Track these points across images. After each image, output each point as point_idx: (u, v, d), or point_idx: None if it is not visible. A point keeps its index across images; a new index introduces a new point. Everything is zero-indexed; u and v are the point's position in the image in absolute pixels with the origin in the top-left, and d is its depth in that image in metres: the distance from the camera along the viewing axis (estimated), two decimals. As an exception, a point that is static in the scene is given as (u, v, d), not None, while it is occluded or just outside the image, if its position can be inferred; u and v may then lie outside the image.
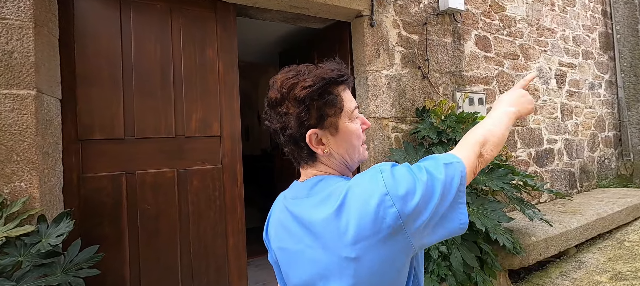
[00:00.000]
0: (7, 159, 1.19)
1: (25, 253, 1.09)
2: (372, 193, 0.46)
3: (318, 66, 0.56)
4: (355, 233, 0.46)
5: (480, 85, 2.59)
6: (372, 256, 0.45)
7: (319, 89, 0.52)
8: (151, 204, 1.57)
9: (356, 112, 0.57)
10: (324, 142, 0.55)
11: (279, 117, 0.54)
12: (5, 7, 1.20)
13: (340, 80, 0.55)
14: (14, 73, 1.20)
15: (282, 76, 0.55)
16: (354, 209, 0.47)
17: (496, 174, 1.54)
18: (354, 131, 0.56)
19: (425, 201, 0.46)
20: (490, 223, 1.37)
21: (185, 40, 1.68)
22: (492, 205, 1.45)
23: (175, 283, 1.61)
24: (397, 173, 0.48)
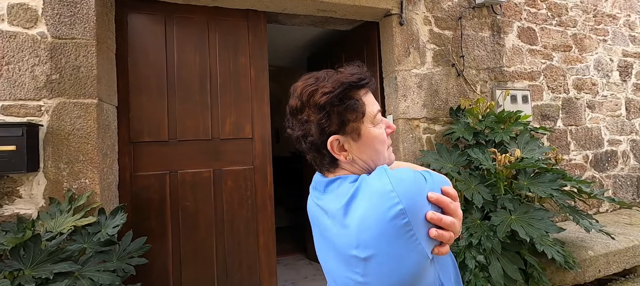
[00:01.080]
0: (75, 159, 1.38)
1: (88, 241, 1.25)
2: (377, 189, 0.46)
3: (338, 70, 0.55)
4: (360, 230, 0.46)
5: (525, 81, 2.37)
6: (381, 255, 0.45)
7: (339, 94, 0.51)
8: (190, 201, 1.70)
9: (379, 116, 0.56)
10: (346, 148, 0.54)
11: (301, 125, 0.54)
12: (75, 28, 1.40)
13: (361, 84, 0.53)
14: (81, 85, 1.39)
15: (302, 84, 0.55)
16: (360, 207, 0.47)
17: (543, 179, 1.39)
18: (378, 136, 0.55)
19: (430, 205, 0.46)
20: (536, 233, 1.24)
21: (221, 49, 1.79)
22: (538, 213, 1.32)
23: (211, 276, 1.72)
24: (402, 178, 0.47)
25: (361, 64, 0.57)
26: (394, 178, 0.47)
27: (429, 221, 0.46)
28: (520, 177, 1.45)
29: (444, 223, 0.46)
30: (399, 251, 0.44)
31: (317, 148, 0.54)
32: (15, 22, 1.34)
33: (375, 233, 0.45)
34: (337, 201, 0.51)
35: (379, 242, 0.45)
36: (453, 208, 0.48)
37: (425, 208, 0.46)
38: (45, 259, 1.09)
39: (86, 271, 1.14)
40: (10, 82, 1.32)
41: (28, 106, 1.34)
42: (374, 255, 0.46)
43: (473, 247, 1.42)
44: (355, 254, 0.48)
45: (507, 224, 1.29)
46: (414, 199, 0.45)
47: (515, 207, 1.38)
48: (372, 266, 0.46)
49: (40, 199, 1.34)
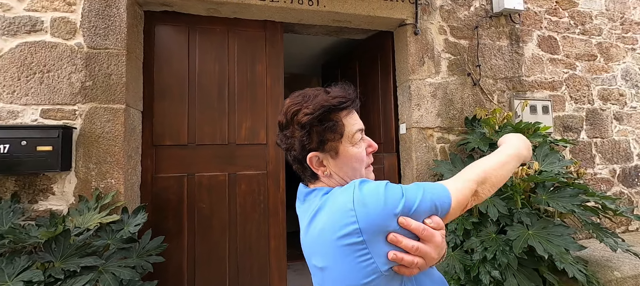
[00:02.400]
0: (103, 160, 1.48)
1: (112, 238, 1.33)
2: (338, 206, 0.50)
3: (325, 90, 0.59)
4: (318, 242, 0.50)
5: (545, 91, 2.30)
6: (332, 267, 0.48)
7: (319, 116, 0.55)
8: (206, 203, 1.76)
9: (359, 135, 0.59)
10: (324, 164, 0.58)
11: (286, 140, 0.59)
12: (108, 39, 1.51)
13: (341, 107, 0.57)
14: (111, 91, 1.50)
15: (289, 102, 0.59)
16: (322, 220, 0.51)
17: (564, 194, 1.34)
18: (355, 155, 0.57)
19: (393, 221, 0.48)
20: (555, 250, 1.19)
21: (239, 58, 1.87)
22: (558, 229, 1.26)
23: (223, 276, 1.76)
24: (366, 188, 0.49)
25: (349, 85, 0.61)
26: (359, 195, 0.48)
27: (390, 242, 0.48)
28: (539, 191, 1.40)
29: (403, 246, 0.48)
30: (348, 267, 0.47)
31: (299, 162, 0.59)
32: (56, 34, 1.48)
33: (329, 246, 0.48)
34: (308, 212, 0.56)
35: (332, 255, 0.48)
36: (426, 234, 0.49)
37: (387, 227, 0.48)
38: (73, 253, 1.17)
39: (109, 266, 1.21)
40: (50, 88, 1.45)
41: (64, 110, 1.45)
42: (327, 267, 0.49)
43: (487, 262, 1.38)
44: (314, 263, 0.53)
45: (524, 240, 1.25)
46: (372, 221, 0.47)
47: (532, 222, 1.33)
48: (326, 276, 0.50)
49: (71, 197, 1.44)
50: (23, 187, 1.39)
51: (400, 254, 0.48)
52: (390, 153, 2.13)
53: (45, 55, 1.45)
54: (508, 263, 1.29)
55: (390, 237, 0.48)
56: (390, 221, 0.48)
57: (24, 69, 1.43)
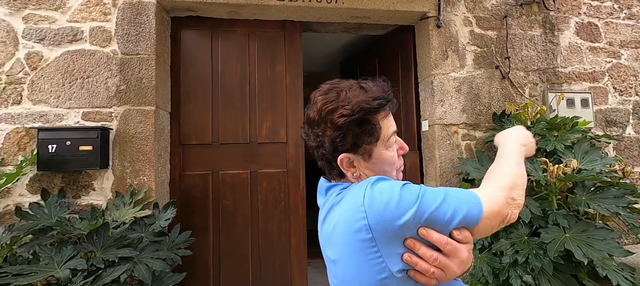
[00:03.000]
0: (136, 159, 1.58)
1: (145, 231, 1.41)
2: (351, 201, 0.49)
3: (361, 85, 0.56)
4: (332, 235, 0.51)
5: (585, 82, 2.11)
6: (344, 261, 0.48)
7: (358, 119, 0.52)
8: (230, 200, 1.82)
9: (393, 138, 0.57)
10: (355, 165, 0.55)
11: (315, 137, 0.56)
12: (139, 45, 1.61)
13: (380, 108, 0.54)
14: (143, 94, 1.59)
15: (322, 98, 0.55)
16: (337, 214, 0.51)
17: (607, 195, 1.22)
18: (388, 159, 0.55)
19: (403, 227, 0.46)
20: (596, 255, 1.09)
21: (259, 58, 1.91)
22: (600, 233, 1.16)
23: (246, 271, 1.82)
24: (378, 187, 0.48)
25: (385, 81, 0.58)
26: (371, 193, 0.47)
27: (406, 247, 0.47)
28: (578, 191, 1.29)
29: (421, 253, 0.46)
30: (360, 262, 0.46)
31: (327, 160, 0.57)
32: (94, 42, 1.59)
33: (341, 239, 0.49)
34: (326, 205, 0.56)
35: (344, 248, 0.48)
36: (449, 249, 0.46)
37: (398, 229, 0.45)
38: (111, 244, 1.27)
39: (143, 258, 1.29)
40: (90, 92, 1.57)
41: (102, 112, 1.57)
42: (340, 260, 0.49)
43: (519, 265, 1.30)
44: (328, 255, 0.53)
45: (561, 243, 1.16)
46: (381, 219, 0.45)
47: (570, 224, 1.23)
48: (339, 269, 0.50)
49: (109, 193, 1.55)
50: (68, 183, 1.53)
51: (415, 258, 0.46)
52: (412, 150, 2.07)
53: (85, 62, 1.58)
54: (542, 267, 1.20)
55: (407, 242, 0.47)
56: (398, 221, 0.45)
57: (67, 76, 1.56)
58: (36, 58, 1.55)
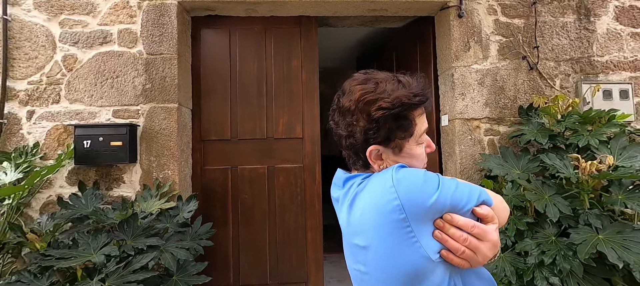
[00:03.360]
0: (161, 154, 1.66)
1: (170, 222, 1.49)
2: (379, 185, 0.49)
3: (399, 79, 0.55)
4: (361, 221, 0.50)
5: (625, 72, 1.94)
6: (377, 245, 0.47)
7: (397, 114, 0.52)
8: (248, 194, 1.88)
9: (424, 136, 0.57)
10: (383, 158, 0.55)
11: (347, 126, 0.55)
12: (162, 45, 1.68)
13: (419, 104, 0.54)
14: (166, 92, 1.67)
15: (361, 88, 0.54)
16: (363, 199, 0.51)
17: (649, 194, 1.13)
18: (418, 155, 0.56)
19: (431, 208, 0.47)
20: (634, 258, 1.01)
21: (276, 54, 1.93)
22: (637, 234, 1.07)
23: (264, 263, 1.87)
24: (404, 170, 0.49)
25: (422, 76, 0.57)
26: (398, 175, 0.48)
27: (436, 227, 0.48)
28: (613, 189, 1.20)
29: (450, 234, 0.47)
30: (393, 244, 0.46)
31: (355, 151, 0.56)
32: (122, 44, 1.69)
33: (372, 223, 0.48)
34: (349, 195, 0.55)
35: (376, 232, 0.47)
36: (477, 232, 0.48)
37: (428, 209, 0.46)
38: (140, 233, 1.35)
39: (169, 247, 1.37)
40: (119, 91, 1.67)
41: (130, 110, 1.67)
42: (371, 245, 0.48)
43: (545, 267, 1.23)
44: (356, 242, 0.51)
45: (593, 244, 1.08)
46: (412, 198, 0.46)
47: (604, 225, 1.15)
48: (370, 255, 0.49)
49: (137, 185, 1.65)
50: (101, 176, 1.64)
51: (445, 236, 0.47)
52: (430, 146, 2.02)
53: (114, 63, 1.67)
54: (571, 269, 1.14)
55: (437, 222, 0.48)
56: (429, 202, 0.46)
57: (98, 76, 1.67)
58: (71, 60, 1.67)
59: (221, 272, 1.84)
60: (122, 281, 1.17)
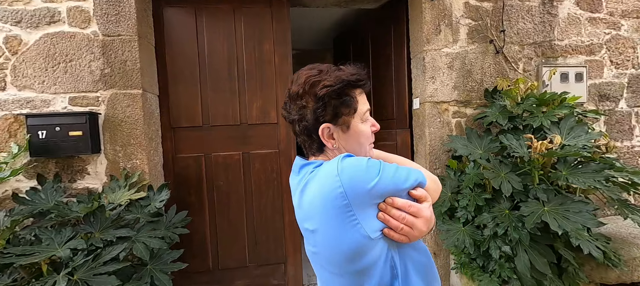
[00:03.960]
0: (127, 143, 1.59)
1: (141, 212, 1.47)
2: (326, 173, 0.53)
3: (339, 68, 0.61)
4: (310, 207, 0.56)
5: (581, 56, 2.07)
6: (323, 228, 0.53)
7: (338, 90, 0.58)
8: (223, 181, 1.87)
9: (368, 114, 0.63)
10: (334, 137, 0.61)
11: (298, 110, 0.61)
12: (120, 25, 1.56)
13: (358, 84, 0.61)
14: (128, 77, 1.57)
15: (306, 73, 0.60)
16: (313, 187, 0.55)
17: (587, 169, 1.25)
18: (364, 132, 0.62)
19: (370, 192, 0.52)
20: (571, 226, 1.15)
21: (246, 37, 1.85)
22: (576, 205, 1.20)
23: (242, 245, 1.91)
24: (348, 160, 0.54)
25: (361, 66, 0.62)
26: (343, 164, 0.53)
27: (380, 209, 0.54)
28: (559, 166, 1.32)
29: (392, 215, 0.54)
30: (337, 227, 0.52)
31: (309, 133, 0.61)
32: (73, 24, 1.54)
33: (319, 209, 0.53)
34: (302, 182, 0.60)
35: (322, 217, 0.53)
36: (413, 210, 0.54)
37: (368, 194, 0.52)
38: (109, 225, 1.32)
39: (140, 237, 1.36)
40: (74, 76, 1.54)
41: (89, 97, 1.56)
42: (319, 228, 0.54)
43: (498, 237, 1.36)
44: (306, 227, 0.58)
45: (538, 216, 1.21)
46: (354, 186, 0.51)
47: (549, 198, 1.27)
48: (318, 237, 0.55)
49: (103, 176, 1.59)
50: (62, 168, 1.56)
51: (387, 216, 0.54)
52: (403, 128, 2.09)
53: (65, 45, 1.53)
54: (519, 238, 1.27)
55: (381, 205, 0.54)
56: (369, 187, 0.52)
57: (49, 60, 1.53)
58: (15, 42, 1.51)
59: (199, 258, 1.86)
60: (92, 273, 1.16)
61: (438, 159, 1.86)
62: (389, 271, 0.55)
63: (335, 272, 0.56)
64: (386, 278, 0.54)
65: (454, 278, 1.82)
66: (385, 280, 0.54)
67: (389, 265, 0.55)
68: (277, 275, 1.96)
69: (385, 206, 0.54)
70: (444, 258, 1.87)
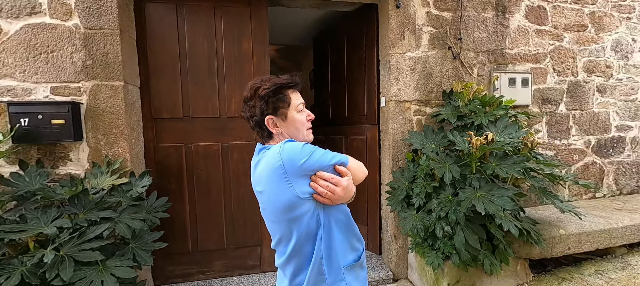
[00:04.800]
0: (109, 132, 1.68)
1: (123, 196, 1.58)
2: (272, 152, 0.77)
3: (278, 76, 0.84)
4: (260, 176, 0.79)
5: (528, 63, 2.34)
6: (268, 190, 0.77)
7: (274, 90, 0.81)
8: (203, 170, 1.99)
9: (301, 106, 0.86)
10: (277, 125, 0.83)
11: (250, 109, 0.84)
12: (101, 19, 1.63)
13: (288, 85, 0.83)
14: (110, 69, 1.66)
15: (252, 82, 0.84)
16: (263, 162, 0.79)
17: (509, 161, 1.50)
18: (299, 119, 0.84)
19: (301, 166, 0.75)
20: (493, 208, 1.39)
21: (226, 35, 1.96)
22: (500, 191, 1.45)
23: (221, 231, 2.06)
24: (288, 144, 0.76)
25: (296, 74, 0.85)
26: (284, 146, 0.75)
27: (312, 180, 0.77)
28: (490, 158, 1.57)
29: (319, 184, 0.77)
30: (277, 188, 0.75)
31: (259, 125, 0.84)
32: (54, 16, 1.60)
33: (265, 176, 0.78)
34: (257, 159, 0.83)
35: (267, 182, 0.77)
36: (335, 181, 0.77)
37: (301, 167, 0.74)
38: (92, 207, 1.43)
39: (123, 218, 1.48)
40: (56, 67, 1.61)
41: (70, 87, 1.63)
42: (265, 190, 0.79)
43: (442, 219, 1.60)
44: (258, 189, 0.82)
45: (470, 200, 1.45)
46: (290, 160, 0.74)
47: (481, 185, 1.52)
48: (265, 196, 0.80)
49: (85, 163, 1.68)
50: (45, 155, 1.63)
51: (315, 184, 0.77)
52: (372, 124, 2.29)
53: (47, 36, 1.59)
54: (457, 220, 1.50)
55: (312, 177, 0.77)
56: (301, 162, 0.74)
57: (30, 50, 1.58)
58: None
59: (180, 241, 1.99)
60: (77, 249, 1.27)
61: (399, 152, 2.08)
62: (315, 222, 0.77)
63: (275, 220, 0.80)
64: (312, 226, 0.77)
65: (410, 257, 2.06)
66: (311, 228, 0.77)
67: (315, 219, 0.77)
68: (253, 257, 2.12)
69: (316, 178, 0.77)
70: (404, 241, 2.10)
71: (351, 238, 0.84)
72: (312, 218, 0.77)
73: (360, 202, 2.41)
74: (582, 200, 2.56)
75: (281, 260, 0.83)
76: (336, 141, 2.65)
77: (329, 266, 0.79)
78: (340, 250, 0.81)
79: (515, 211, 1.60)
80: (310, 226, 0.77)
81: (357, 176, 0.84)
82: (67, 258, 1.23)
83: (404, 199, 1.86)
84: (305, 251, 0.78)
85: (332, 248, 0.80)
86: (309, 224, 0.77)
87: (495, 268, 1.56)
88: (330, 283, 0.79)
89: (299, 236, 0.77)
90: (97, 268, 1.30)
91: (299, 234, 0.77)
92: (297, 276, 0.80)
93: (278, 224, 0.79)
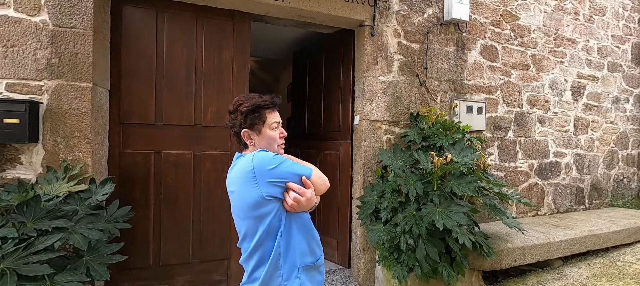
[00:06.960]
0: (70, 134, 1.58)
1: (80, 204, 1.47)
2: (245, 160, 0.91)
3: (261, 96, 0.97)
4: (233, 178, 0.92)
5: (483, 94, 2.65)
6: (238, 190, 0.90)
7: (252, 109, 0.96)
8: (172, 178, 1.93)
9: (275, 124, 0.99)
10: (252, 138, 0.97)
11: (232, 120, 0.99)
12: (74, 18, 1.58)
13: (266, 106, 0.97)
14: (78, 69, 1.58)
15: (237, 99, 0.99)
16: (237, 167, 0.92)
17: (464, 180, 1.68)
18: (271, 135, 0.98)
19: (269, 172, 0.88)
20: (450, 223, 1.54)
21: (207, 45, 1.98)
22: (456, 207, 1.61)
23: (186, 243, 1.97)
24: (259, 153, 0.90)
25: (276, 95, 0.99)
26: (256, 154, 0.89)
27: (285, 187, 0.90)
28: (449, 177, 1.74)
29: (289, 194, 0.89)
30: (246, 189, 0.88)
31: (237, 135, 0.99)
32: (20, 9, 1.51)
33: (238, 178, 0.91)
34: (233, 165, 0.97)
35: (239, 182, 0.90)
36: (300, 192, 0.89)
37: (269, 172, 0.87)
38: (44, 215, 1.32)
39: (78, 228, 1.37)
40: (15, 62, 1.50)
41: (30, 85, 1.53)
42: (236, 190, 0.92)
43: (406, 233, 1.71)
44: (230, 189, 0.95)
45: (431, 215, 1.58)
46: (259, 167, 0.87)
47: (441, 201, 1.67)
48: (235, 195, 0.93)
49: (39, 167, 1.55)
50: (-10, 156, 1.48)
51: (286, 194, 0.90)
52: (346, 140, 2.40)
53: (8, 30, 1.50)
54: (419, 233, 1.62)
55: (286, 187, 0.89)
56: (269, 168, 0.87)
57: (-14, 42, 1.47)
58: (-55, 19, 1.42)
59: (141, 254, 1.87)
60: (21, 262, 1.16)
61: (371, 168, 2.20)
62: (277, 222, 0.89)
63: (243, 217, 0.91)
64: (274, 225, 0.89)
65: (377, 270, 2.14)
66: (273, 226, 0.89)
67: (277, 219, 0.89)
68: (220, 271, 2.05)
69: (287, 189, 0.90)
70: (371, 254, 2.18)
71: (311, 241, 0.95)
72: (275, 218, 0.89)
73: (331, 215, 2.47)
74: (527, 217, 2.88)
75: (244, 256, 0.92)
76: (311, 154, 2.72)
77: (285, 262, 0.89)
78: (298, 250, 0.91)
79: (471, 226, 1.77)
80: (273, 224, 0.88)
81: (319, 188, 0.95)
82: (8, 272, 1.12)
83: (372, 213, 1.96)
84: (266, 247, 0.88)
85: (291, 246, 0.90)
86: (272, 222, 0.88)
87: (452, 279, 1.69)
88: (285, 278, 0.89)
89: (262, 233, 0.87)
90: (43, 283, 1.19)
91: (263, 230, 0.87)
92: (256, 271, 0.90)
93: (245, 221, 0.90)
